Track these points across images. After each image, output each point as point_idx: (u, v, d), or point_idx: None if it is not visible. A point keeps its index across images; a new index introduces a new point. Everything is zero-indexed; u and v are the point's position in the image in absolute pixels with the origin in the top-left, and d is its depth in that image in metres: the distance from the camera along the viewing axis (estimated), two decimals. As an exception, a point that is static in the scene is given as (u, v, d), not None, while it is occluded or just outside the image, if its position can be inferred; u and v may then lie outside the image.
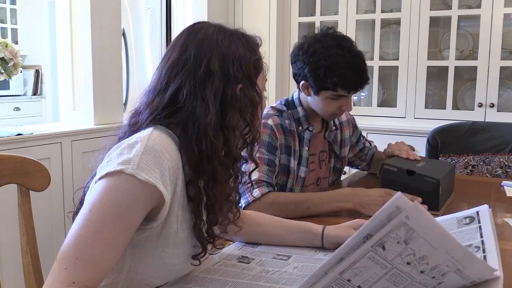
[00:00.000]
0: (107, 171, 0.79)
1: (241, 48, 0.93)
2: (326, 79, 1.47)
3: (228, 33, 0.94)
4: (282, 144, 1.55)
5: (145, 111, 0.92)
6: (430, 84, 3.10)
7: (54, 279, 0.73)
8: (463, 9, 2.92)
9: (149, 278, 0.90)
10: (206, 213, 0.93)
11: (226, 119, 0.90)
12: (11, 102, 4.93)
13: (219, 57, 0.90)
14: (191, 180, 0.88)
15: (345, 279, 0.67)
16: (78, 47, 2.49)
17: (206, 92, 0.89)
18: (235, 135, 0.92)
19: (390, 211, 0.62)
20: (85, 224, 0.76)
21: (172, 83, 0.91)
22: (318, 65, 1.48)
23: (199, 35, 0.92)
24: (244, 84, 0.92)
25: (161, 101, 0.91)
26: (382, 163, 1.49)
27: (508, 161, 2.24)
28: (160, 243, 0.88)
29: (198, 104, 0.88)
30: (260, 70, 0.97)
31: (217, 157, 0.89)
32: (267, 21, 3.29)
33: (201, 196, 0.90)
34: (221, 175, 0.90)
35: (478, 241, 0.82)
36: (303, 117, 1.62)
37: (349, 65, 1.47)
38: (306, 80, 1.54)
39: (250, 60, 0.94)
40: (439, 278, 0.68)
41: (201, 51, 0.90)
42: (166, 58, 0.94)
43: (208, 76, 0.89)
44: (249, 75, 0.93)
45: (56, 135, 2.27)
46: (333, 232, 1.11)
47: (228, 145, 0.91)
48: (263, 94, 0.99)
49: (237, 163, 0.95)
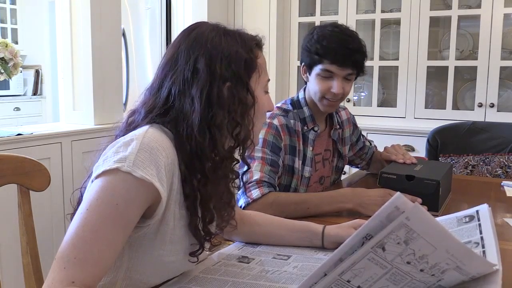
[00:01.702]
0: (103, 170, 0.80)
1: (233, 46, 0.92)
2: (315, 51, 1.53)
3: (222, 32, 0.93)
4: (286, 145, 1.55)
5: (141, 110, 0.93)
6: (430, 84, 3.10)
7: (53, 279, 0.73)
8: (463, 9, 2.92)
9: (147, 276, 0.90)
10: (201, 210, 0.92)
11: (212, 117, 0.89)
12: (11, 102, 4.93)
13: (206, 55, 0.90)
14: (185, 177, 0.88)
15: (345, 280, 0.67)
16: (78, 47, 2.49)
17: (192, 90, 0.89)
18: (222, 134, 0.91)
19: (390, 211, 0.62)
20: (82, 223, 0.76)
21: (165, 82, 0.92)
22: (311, 39, 1.55)
23: (192, 34, 0.93)
24: (232, 83, 0.91)
25: (156, 100, 0.92)
26: (381, 172, 1.49)
27: (508, 161, 2.24)
28: (157, 240, 0.88)
29: (186, 102, 0.89)
30: (254, 70, 0.95)
31: (205, 155, 0.88)
32: (267, 21, 3.29)
33: (196, 193, 0.90)
34: (211, 174, 0.90)
35: (478, 237, 0.82)
36: (309, 117, 1.62)
37: (337, 39, 1.52)
38: (303, 61, 1.61)
39: (241, 59, 0.92)
40: (439, 276, 0.69)
41: (191, 50, 0.91)
42: (163, 57, 0.96)
43: (194, 74, 0.89)
44: (239, 74, 0.92)
45: (56, 135, 2.27)
46: (334, 232, 1.11)
47: (215, 144, 0.90)
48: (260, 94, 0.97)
49: (226, 163, 0.94)
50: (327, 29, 1.55)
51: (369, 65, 3.21)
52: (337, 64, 1.51)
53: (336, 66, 1.52)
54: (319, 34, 1.54)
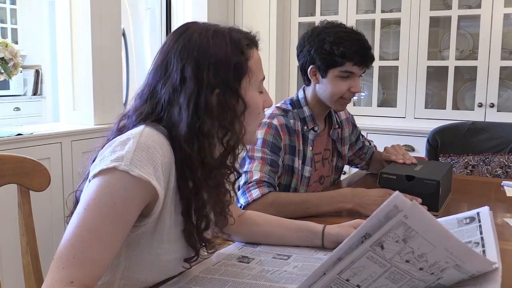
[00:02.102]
0: (100, 169, 0.80)
1: (222, 51, 0.89)
2: (333, 51, 1.52)
3: (211, 34, 0.91)
4: (286, 145, 1.56)
5: (133, 117, 0.92)
6: (430, 84, 3.10)
7: (52, 279, 0.73)
8: (463, 9, 2.92)
9: (144, 275, 0.90)
10: (196, 217, 0.92)
11: (200, 126, 0.87)
12: (11, 102, 4.93)
13: (193, 63, 0.88)
14: (179, 185, 0.88)
15: (344, 278, 0.67)
16: (78, 47, 2.49)
17: (180, 99, 0.88)
18: (211, 143, 0.90)
19: (388, 210, 0.63)
20: (81, 222, 0.76)
21: (155, 89, 0.91)
22: (324, 42, 1.54)
23: (180, 39, 0.91)
24: (221, 90, 0.89)
25: (147, 108, 0.91)
26: (380, 172, 1.49)
27: (508, 161, 2.24)
28: (154, 239, 0.88)
29: (175, 111, 0.88)
30: (244, 74, 0.92)
31: (194, 165, 0.88)
32: (267, 21, 3.29)
33: (190, 200, 0.90)
34: (201, 183, 0.89)
35: (478, 237, 0.82)
36: (309, 117, 1.62)
37: (354, 38, 1.54)
38: (313, 63, 1.58)
39: (230, 64, 0.89)
40: (438, 274, 0.69)
41: (179, 58, 0.90)
42: (153, 62, 0.95)
43: (182, 82, 0.88)
44: (227, 81, 0.89)
45: (56, 135, 2.27)
46: (334, 231, 1.11)
47: (204, 153, 0.88)
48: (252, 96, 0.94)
49: (217, 172, 0.93)
50: (337, 30, 1.56)
51: (369, 65, 3.21)
52: (358, 65, 1.54)
53: (357, 67, 1.54)
54: (335, 36, 1.53)
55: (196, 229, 0.92)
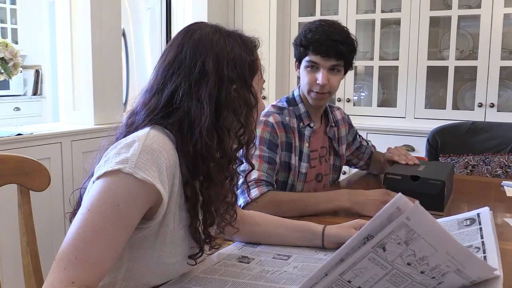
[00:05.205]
0: (105, 171, 0.79)
1: (237, 49, 0.93)
2: (300, 42, 1.59)
3: (225, 34, 0.94)
4: (283, 142, 1.57)
5: (142, 112, 0.92)
6: (430, 84, 3.09)
7: (53, 279, 0.73)
8: (463, 9, 2.92)
9: (146, 277, 0.90)
10: (203, 213, 0.93)
11: (220, 120, 0.89)
12: (11, 102, 4.93)
13: (213, 58, 0.90)
14: (187, 180, 0.88)
15: (346, 280, 0.67)
16: (78, 47, 2.49)
17: (200, 92, 0.89)
18: (229, 136, 0.91)
19: (391, 212, 0.62)
20: (83, 223, 0.76)
21: (168, 83, 0.91)
22: (299, 35, 1.61)
23: (195, 35, 0.93)
24: (238, 85, 0.92)
25: (157, 101, 0.91)
26: (385, 173, 1.50)
27: (508, 161, 2.24)
28: (157, 242, 0.88)
29: (193, 105, 0.88)
30: (256, 72, 0.97)
31: (211, 157, 0.89)
32: (267, 21, 3.29)
33: (197, 196, 0.90)
34: (216, 176, 0.90)
35: (479, 242, 0.82)
36: (304, 114, 1.64)
37: (320, 30, 1.56)
38: (294, 57, 1.65)
39: (245, 61, 0.93)
40: (439, 278, 0.68)
41: (197, 52, 0.90)
42: (163, 58, 0.95)
43: (202, 76, 0.89)
44: (244, 76, 0.93)
45: (56, 135, 2.27)
46: (334, 232, 1.11)
47: (223, 146, 0.90)
48: (259, 96, 0.99)
49: (232, 165, 0.95)
50: (314, 24, 1.60)
51: (369, 65, 3.21)
52: (320, 55, 1.55)
53: (320, 57, 1.55)
54: (306, 28, 1.59)
55: (202, 224, 0.92)
